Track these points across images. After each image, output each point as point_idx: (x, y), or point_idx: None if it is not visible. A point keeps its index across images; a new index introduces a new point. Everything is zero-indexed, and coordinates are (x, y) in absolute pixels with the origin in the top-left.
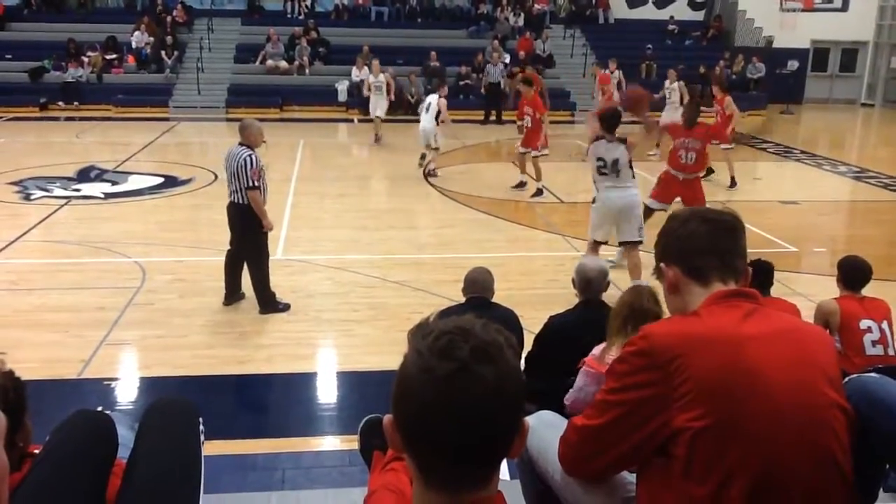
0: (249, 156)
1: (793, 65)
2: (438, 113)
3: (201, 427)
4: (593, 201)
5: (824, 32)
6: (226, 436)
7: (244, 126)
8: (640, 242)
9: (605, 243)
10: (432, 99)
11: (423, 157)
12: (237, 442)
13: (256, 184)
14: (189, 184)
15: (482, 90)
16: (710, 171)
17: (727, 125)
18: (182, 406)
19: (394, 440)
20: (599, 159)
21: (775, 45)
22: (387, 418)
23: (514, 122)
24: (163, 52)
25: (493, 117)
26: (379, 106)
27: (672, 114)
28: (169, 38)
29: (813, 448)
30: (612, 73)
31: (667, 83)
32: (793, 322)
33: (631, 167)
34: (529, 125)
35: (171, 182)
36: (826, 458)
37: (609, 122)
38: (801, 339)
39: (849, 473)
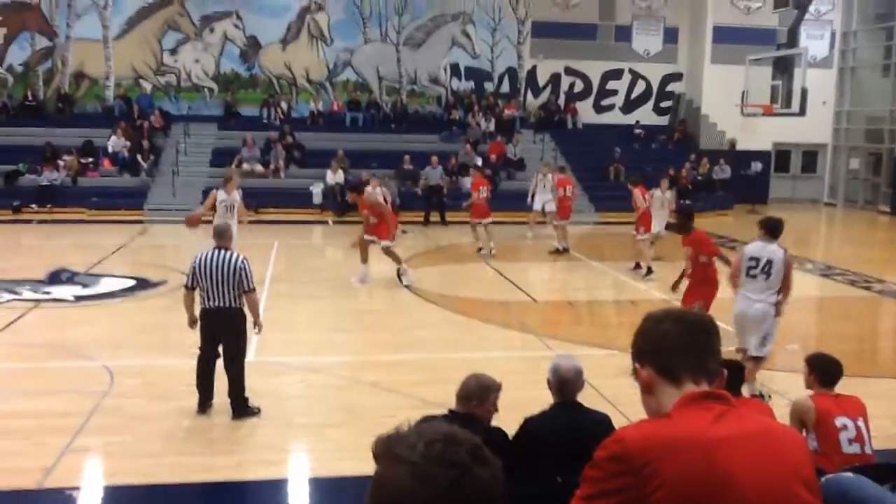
0: (245, 259)
1: (756, 166)
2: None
3: None
4: None
5: (785, 135)
6: None
7: (225, 229)
8: (757, 358)
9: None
10: None
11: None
12: None
13: (255, 286)
14: (160, 286)
15: (419, 193)
16: (650, 270)
17: (646, 217)
18: None
19: None
20: (752, 258)
21: (739, 147)
22: None
23: (462, 223)
24: (139, 156)
25: (434, 218)
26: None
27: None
28: (145, 143)
29: None
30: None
31: (657, 192)
32: (764, 423)
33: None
34: (376, 221)
35: (142, 284)
36: None
37: (777, 229)
38: (772, 440)
39: None
